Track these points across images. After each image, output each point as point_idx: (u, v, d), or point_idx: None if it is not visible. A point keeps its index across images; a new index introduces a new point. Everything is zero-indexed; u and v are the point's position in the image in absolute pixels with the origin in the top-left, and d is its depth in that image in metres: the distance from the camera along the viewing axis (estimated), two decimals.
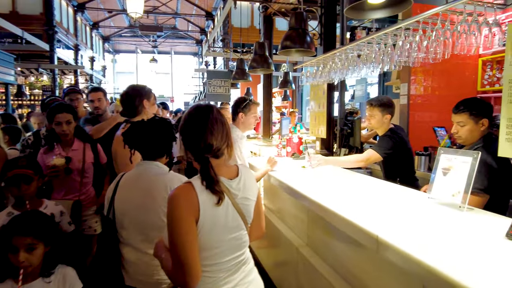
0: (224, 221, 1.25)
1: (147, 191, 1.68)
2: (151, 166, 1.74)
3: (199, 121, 1.31)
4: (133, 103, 2.21)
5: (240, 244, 1.33)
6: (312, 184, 2.47)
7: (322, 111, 3.72)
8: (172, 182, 1.69)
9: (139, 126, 1.73)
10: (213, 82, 6.86)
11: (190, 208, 1.18)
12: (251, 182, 1.39)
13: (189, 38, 18.67)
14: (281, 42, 3.06)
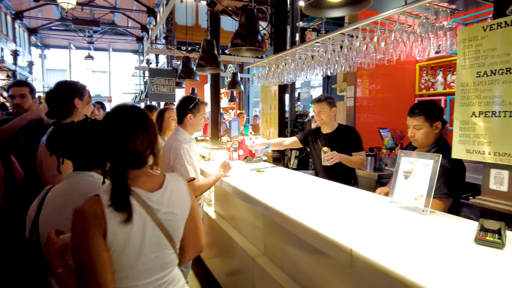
0: (141, 239, 1.11)
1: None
2: (83, 178, 1.46)
3: (116, 123, 1.16)
4: (62, 103, 1.88)
5: (164, 264, 1.18)
6: (268, 189, 2.34)
7: (274, 113, 3.63)
8: None
9: (66, 129, 1.45)
10: (156, 81, 6.46)
11: (95, 224, 1.05)
12: (179, 195, 1.24)
13: (129, 35, 17.64)
14: (231, 40, 2.90)
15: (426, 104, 2.09)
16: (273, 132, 3.69)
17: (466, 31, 1.74)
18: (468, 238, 1.28)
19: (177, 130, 2.51)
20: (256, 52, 2.98)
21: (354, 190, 2.26)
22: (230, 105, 11.01)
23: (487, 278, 1.01)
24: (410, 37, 1.83)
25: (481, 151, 1.65)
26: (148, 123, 1.22)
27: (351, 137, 3.03)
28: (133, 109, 1.22)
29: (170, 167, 2.37)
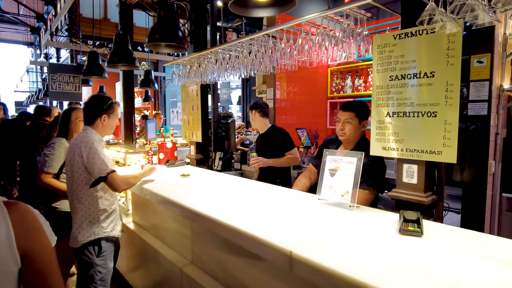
0: None
1: None
2: None
3: None
4: None
5: None
6: (196, 194, 2.23)
7: (196, 114, 3.50)
8: None
9: None
10: (58, 78, 5.70)
11: None
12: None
13: (21, 24, 15.33)
14: (148, 35, 2.70)
15: (358, 103, 2.24)
16: (196, 134, 3.56)
17: (379, 38, 1.89)
18: (392, 230, 1.37)
19: (85, 130, 2.22)
20: (177, 49, 2.83)
21: (282, 189, 2.28)
22: (144, 105, 10.39)
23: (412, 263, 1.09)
24: (331, 41, 1.90)
25: (395, 148, 1.81)
26: None
27: (280, 137, 3.28)
28: None
29: (79, 169, 2.10)
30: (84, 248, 2.13)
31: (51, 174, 2.66)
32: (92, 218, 2.15)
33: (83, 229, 2.13)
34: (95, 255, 2.15)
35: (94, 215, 2.15)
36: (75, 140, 2.17)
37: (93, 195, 2.14)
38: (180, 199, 2.02)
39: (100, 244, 2.16)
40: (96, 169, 2.04)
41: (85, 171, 2.08)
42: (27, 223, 0.90)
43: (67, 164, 2.19)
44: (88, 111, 2.24)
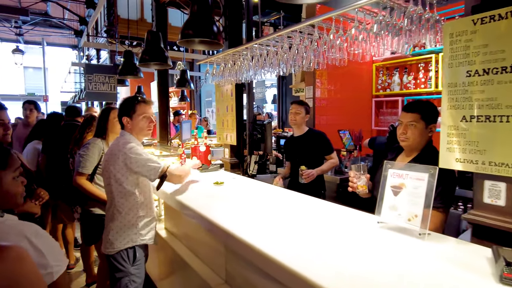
0: None
1: None
2: None
3: None
4: None
5: None
6: (229, 207, 1.99)
7: (231, 115, 3.28)
8: (6, 241, 1.00)
9: None
10: (94, 78, 5.74)
11: None
12: None
13: (66, 28, 16.05)
14: (181, 31, 2.50)
15: (425, 103, 1.89)
16: (230, 136, 3.34)
17: (451, 25, 1.54)
18: (487, 274, 1.04)
19: (123, 135, 2.12)
20: (211, 46, 2.61)
21: (331, 206, 1.97)
22: (180, 105, 10.42)
23: None
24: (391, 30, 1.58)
25: (473, 161, 1.45)
26: None
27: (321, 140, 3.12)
28: None
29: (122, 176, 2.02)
30: (119, 255, 2.03)
31: (85, 175, 2.58)
32: (131, 224, 2.05)
33: (120, 236, 2.03)
34: (130, 264, 2.05)
35: (133, 222, 2.06)
36: (113, 146, 2.07)
37: (133, 201, 2.05)
38: (211, 215, 1.79)
39: (135, 251, 2.07)
40: (152, 172, 1.99)
41: (128, 178, 2.00)
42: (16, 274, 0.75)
43: (105, 171, 2.07)
44: (118, 115, 2.14)
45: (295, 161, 3.12)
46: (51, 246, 1.10)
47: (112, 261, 2.05)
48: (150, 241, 2.16)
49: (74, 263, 3.87)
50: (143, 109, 2.08)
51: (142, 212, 2.09)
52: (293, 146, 3.17)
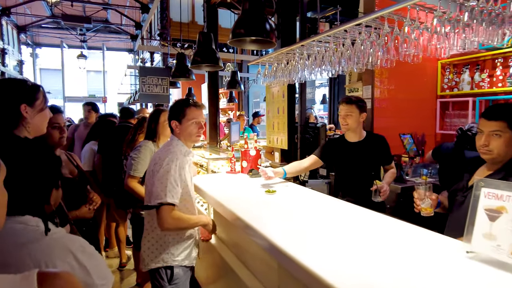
0: None
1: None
2: (12, 227, 0.95)
3: None
4: (1, 110, 1.36)
5: None
6: (282, 219, 1.82)
7: (282, 117, 3.12)
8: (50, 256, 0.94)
9: None
10: (148, 80, 5.90)
11: None
12: None
13: (123, 33, 17.03)
14: (232, 30, 2.38)
15: (509, 106, 1.56)
16: (281, 140, 3.18)
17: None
18: None
19: (171, 140, 2.00)
20: (263, 45, 2.47)
21: (401, 225, 1.72)
22: (229, 106, 10.48)
23: None
24: (485, 19, 1.30)
25: None
26: None
27: (383, 148, 2.63)
28: None
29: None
30: (154, 271, 1.91)
31: (137, 178, 2.57)
32: (163, 242, 1.89)
33: (152, 253, 1.90)
34: (167, 282, 1.90)
35: (164, 239, 1.89)
36: (159, 152, 1.96)
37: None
38: (264, 229, 1.63)
39: (172, 270, 1.90)
40: (154, 193, 1.77)
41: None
42: None
43: (147, 176, 2.00)
44: (168, 116, 2.02)
45: (345, 170, 2.64)
46: (96, 263, 1.04)
47: (150, 275, 1.94)
48: (184, 263, 1.95)
49: (126, 261, 3.95)
50: (194, 114, 1.94)
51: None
52: (346, 153, 2.60)
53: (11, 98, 1.37)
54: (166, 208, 1.75)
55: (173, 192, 1.77)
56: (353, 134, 2.57)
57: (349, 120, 2.48)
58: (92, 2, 12.77)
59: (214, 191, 2.43)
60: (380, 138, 2.68)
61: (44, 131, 1.55)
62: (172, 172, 1.79)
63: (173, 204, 1.77)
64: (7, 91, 1.38)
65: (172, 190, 1.77)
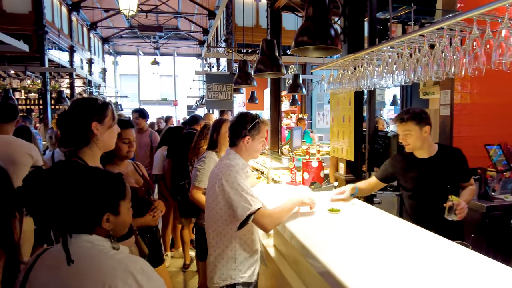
0: None
1: None
2: (81, 246, 1.00)
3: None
4: (74, 127, 1.44)
5: None
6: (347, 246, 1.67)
7: (348, 126, 2.93)
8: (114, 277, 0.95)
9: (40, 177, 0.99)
10: (213, 87, 6.07)
11: None
12: None
13: (192, 39, 17.96)
14: (295, 38, 2.28)
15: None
16: (346, 150, 2.99)
17: None
18: None
19: (228, 154, 1.95)
20: (327, 52, 2.33)
21: (484, 261, 1.45)
22: (291, 108, 10.38)
23: None
24: None
25: None
26: None
27: (459, 163, 2.27)
28: None
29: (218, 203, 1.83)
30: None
31: (201, 189, 2.60)
32: (229, 258, 1.86)
33: (219, 270, 1.87)
34: None
35: (232, 255, 1.86)
36: (217, 167, 1.93)
37: (234, 232, 1.84)
38: (326, 258, 1.50)
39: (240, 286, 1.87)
40: (239, 208, 1.74)
41: (226, 205, 1.80)
42: None
43: (207, 191, 1.99)
44: (232, 131, 1.96)
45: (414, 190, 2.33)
46: (155, 285, 1.03)
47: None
48: (252, 279, 1.92)
49: (189, 263, 4.07)
50: (264, 132, 1.94)
51: (243, 245, 1.88)
52: (414, 171, 2.30)
53: (84, 116, 1.45)
54: (257, 214, 1.75)
55: (253, 197, 1.77)
56: (421, 151, 2.28)
57: (410, 140, 2.21)
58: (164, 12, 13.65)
59: (272, 205, 2.35)
60: (455, 151, 2.33)
61: (112, 146, 1.62)
62: (241, 183, 1.78)
63: (259, 208, 1.77)
64: (80, 110, 1.46)
65: (252, 197, 1.77)
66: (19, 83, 11.90)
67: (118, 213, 1.07)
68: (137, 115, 4.71)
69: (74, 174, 1.02)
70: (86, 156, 1.47)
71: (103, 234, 1.05)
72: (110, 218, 1.05)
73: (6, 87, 10.33)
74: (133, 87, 21.37)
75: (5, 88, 9.71)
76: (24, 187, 0.97)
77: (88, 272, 0.96)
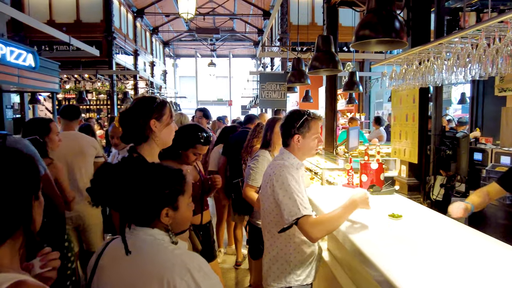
0: None
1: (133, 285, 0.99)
2: (143, 239, 1.04)
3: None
4: (134, 125, 1.49)
5: None
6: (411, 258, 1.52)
7: (412, 126, 2.71)
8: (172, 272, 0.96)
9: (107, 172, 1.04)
10: (267, 86, 6.07)
11: None
12: None
13: (247, 40, 18.25)
14: (355, 32, 2.16)
15: None
16: (409, 151, 2.77)
17: None
18: None
19: (282, 154, 1.88)
20: (392, 45, 2.17)
21: None
22: (348, 107, 10.02)
23: None
24: None
25: None
26: None
27: None
28: None
29: (271, 204, 1.78)
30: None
31: (254, 188, 2.59)
32: (284, 261, 1.80)
33: (273, 272, 1.82)
34: None
35: (286, 258, 1.80)
36: (270, 167, 1.88)
37: (287, 235, 1.78)
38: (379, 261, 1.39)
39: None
40: (286, 210, 1.65)
41: (277, 207, 1.74)
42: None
43: (261, 192, 1.96)
44: (282, 130, 1.89)
45: None
46: (212, 283, 1.03)
47: None
48: (308, 281, 1.85)
49: (241, 260, 4.10)
50: (316, 128, 1.81)
51: (299, 247, 1.81)
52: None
53: (143, 114, 1.50)
54: (303, 221, 1.62)
55: (303, 203, 1.66)
56: None
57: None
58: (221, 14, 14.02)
59: (328, 208, 2.25)
60: None
61: (169, 143, 1.66)
62: (292, 185, 1.69)
63: (306, 215, 1.63)
64: (140, 109, 1.51)
65: (301, 201, 1.66)
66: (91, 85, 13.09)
67: (177, 208, 1.08)
68: (201, 115, 4.91)
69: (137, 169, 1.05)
70: (145, 152, 1.52)
71: (162, 228, 1.07)
72: (169, 212, 1.06)
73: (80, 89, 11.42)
74: (191, 88, 22.30)
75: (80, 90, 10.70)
76: (94, 180, 1.02)
77: (148, 265, 0.98)
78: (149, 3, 12.72)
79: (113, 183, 1.01)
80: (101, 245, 1.14)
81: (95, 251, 1.13)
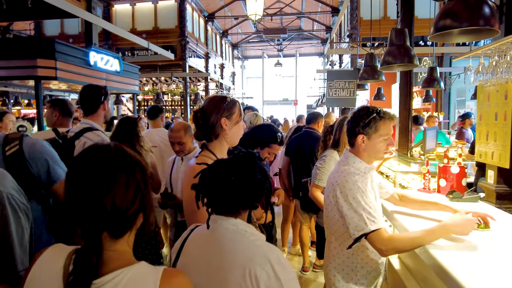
0: None
1: (215, 270, 1.03)
2: (227, 228, 1.07)
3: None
4: (207, 123, 1.55)
5: None
6: (493, 267, 1.34)
7: (503, 125, 2.39)
8: (253, 262, 0.98)
9: (216, 168, 1.09)
10: (335, 84, 5.88)
11: None
12: None
13: (314, 38, 17.97)
14: (434, 22, 1.97)
15: None
16: (499, 154, 2.45)
17: None
18: None
19: (346, 157, 1.73)
20: (479, 35, 1.93)
21: None
22: (424, 106, 9.24)
23: None
24: None
25: None
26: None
27: None
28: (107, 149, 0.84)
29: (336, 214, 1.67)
30: None
31: (321, 188, 2.54)
32: (350, 270, 1.71)
33: (338, 281, 1.74)
34: None
35: (353, 267, 1.70)
36: (333, 173, 1.75)
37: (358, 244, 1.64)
38: (469, 285, 1.22)
39: None
40: (352, 225, 1.54)
41: (342, 218, 1.63)
42: None
43: (325, 196, 1.87)
44: (347, 129, 1.75)
45: None
46: (290, 277, 1.03)
47: None
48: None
49: (308, 266, 4.03)
50: (387, 129, 1.63)
51: (368, 257, 1.69)
52: None
53: (215, 113, 1.55)
54: (373, 236, 1.50)
55: (371, 217, 1.52)
56: None
57: None
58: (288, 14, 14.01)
59: (401, 214, 2.09)
60: None
61: (237, 141, 1.69)
62: (357, 198, 1.55)
63: (376, 229, 1.50)
64: (212, 107, 1.57)
65: (369, 215, 1.52)
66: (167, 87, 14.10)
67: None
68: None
69: (251, 163, 1.09)
70: (216, 149, 1.57)
71: (244, 219, 1.10)
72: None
73: (158, 91, 12.37)
74: (258, 88, 22.70)
75: (157, 92, 11.61)
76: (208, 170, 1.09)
77: (231, 254, 1.01)
78: (219, 7, 13.25)
79: (227, 175, 1.05)
80: (186, 231, 1.20)
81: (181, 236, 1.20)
